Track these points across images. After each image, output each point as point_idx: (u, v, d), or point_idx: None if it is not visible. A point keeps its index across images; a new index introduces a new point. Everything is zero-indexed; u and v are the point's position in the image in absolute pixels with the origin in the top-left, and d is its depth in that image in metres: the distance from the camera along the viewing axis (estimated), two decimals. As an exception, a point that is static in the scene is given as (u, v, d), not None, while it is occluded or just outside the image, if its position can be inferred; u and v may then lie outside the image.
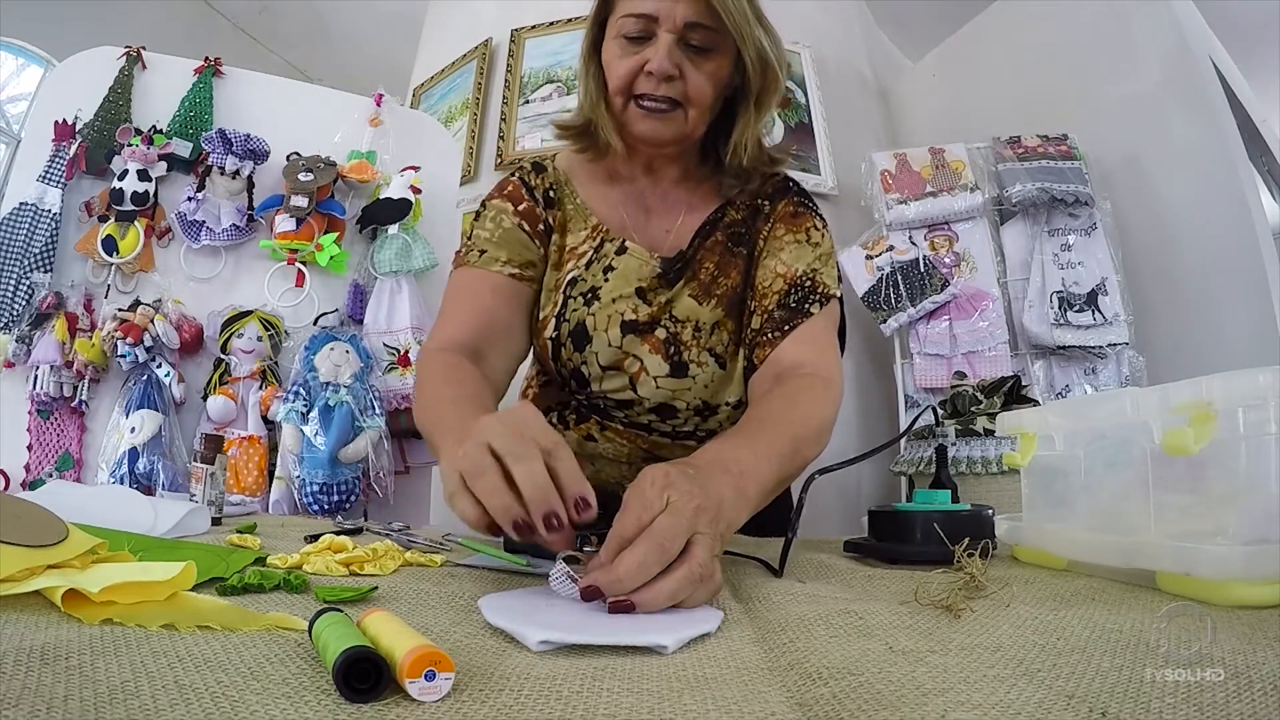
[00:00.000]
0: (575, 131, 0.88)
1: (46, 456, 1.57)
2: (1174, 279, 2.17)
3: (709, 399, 0.85)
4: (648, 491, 0.47)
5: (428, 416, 0.69)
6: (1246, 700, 0.28)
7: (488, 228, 0.87)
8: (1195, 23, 2.34)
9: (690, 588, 0.43)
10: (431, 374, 0.76)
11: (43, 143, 1.69)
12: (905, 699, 0.28)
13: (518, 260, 0.85)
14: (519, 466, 0.47)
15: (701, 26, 0.76)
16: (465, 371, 0.74)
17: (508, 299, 0.84)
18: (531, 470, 0.47)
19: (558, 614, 0.41)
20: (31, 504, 0.46)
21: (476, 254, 0.85)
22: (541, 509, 0.46)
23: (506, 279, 0.84)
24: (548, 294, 0.87)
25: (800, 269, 0.83)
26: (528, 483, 0.46)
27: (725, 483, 0.53)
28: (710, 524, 0.47)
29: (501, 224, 0.86)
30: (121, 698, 0.26)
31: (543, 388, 0.95)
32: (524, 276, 0.85)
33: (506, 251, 0.85)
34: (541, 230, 0.88)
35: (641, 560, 0.43)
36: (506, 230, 0.86)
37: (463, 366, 0.75)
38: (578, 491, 0.47)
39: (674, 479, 0.48)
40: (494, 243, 0.85)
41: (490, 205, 0.89)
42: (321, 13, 4.10)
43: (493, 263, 0.84)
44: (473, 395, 0.70)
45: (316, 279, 1.78)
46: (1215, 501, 0.47)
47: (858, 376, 2.54)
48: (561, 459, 0.48)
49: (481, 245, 0.85)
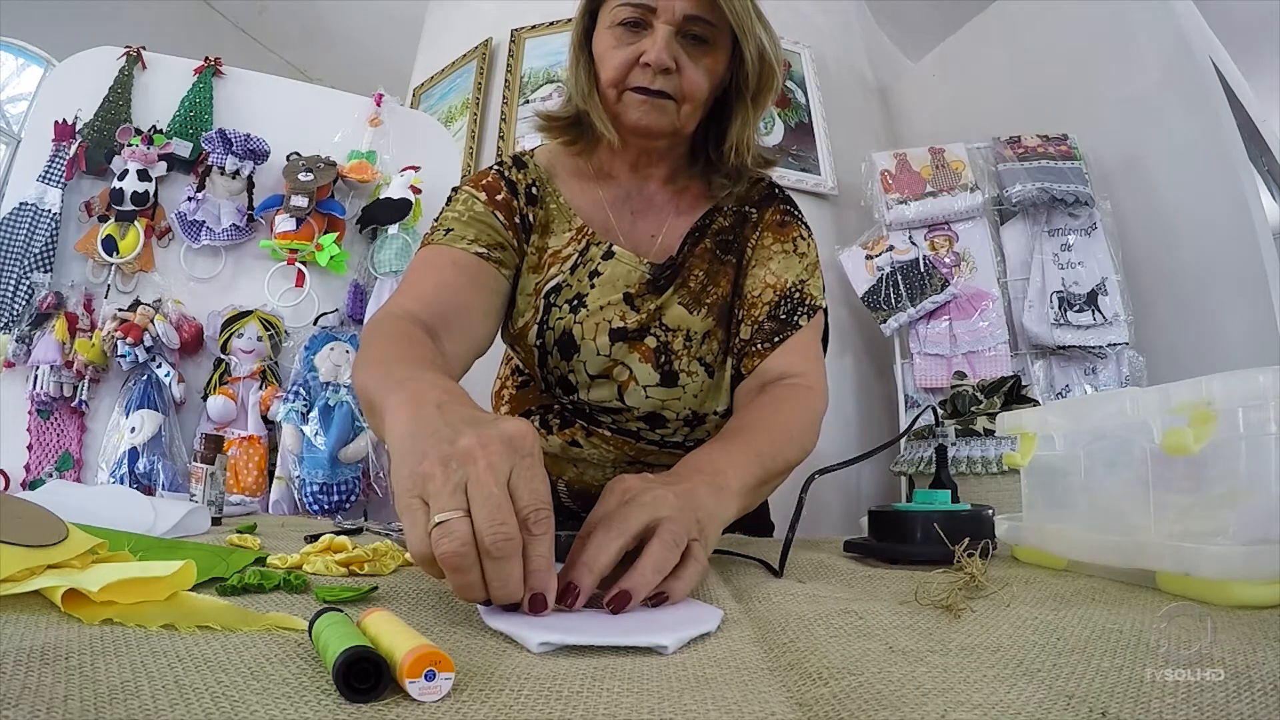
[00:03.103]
0: (564, 123, 0.84)
1: (46, 456, 1.57)
2: (1174, 279, 2.17)
3: (697, 408, 0.85)
4: (609, 502, 0.48)
5: (368, 373, 0.57)
6: (1246, 700, 0.28)
7: (457, 209, 0.82)
8: (1195, 23, 2.34)
9: (673, 554, 0.44)
10: (377, 335, 0.66)
11: (43, 143, 1.69)
12: (905, 699, 0.28)
13: (485, 240, 0.79)
14: (493, 565, 0.38)
15: (700, 20, 0.74)
16: (418, 337, 0.65)
17: (472, 278, 0.77)
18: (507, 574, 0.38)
19: (557, 616, 0.41)
20: (31, 504, 0.46)
21: (442, 232, 0.80)
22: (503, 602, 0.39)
23: (471, 257, 0.78)
24: (526, 299, 0.83)
25: (789, 280, 0.83)
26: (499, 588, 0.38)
27: (698, 480, 0.54)
28: (678, 510, 0.47)
29: (472, 208, 0.82)
30: (121, 698, 0.26)
31: (519, 389, 0.92)
32: (491, 258, 0.79)
33: (474, 231, 0.80)
34: (518, 223, 0.83)
35: (600, 542, 0.44)
36: (477, 213, 0.81)
37: (415, 332, 0.66)
38: (538, 588, 0.39)
39: (632, 485, 0.49)
40: (462, 222, 0.80)
41: (462, 191, 0.84)
42: (321, 13, 4.10)
43: (458, 240, 0.78)
44: (426, 356, 0.60)
45: (316, 279, 1.78)
46: (1215, 501, 0.47)
47: (858, 376, 2.54)
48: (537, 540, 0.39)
49: (448, 224, 0.80)
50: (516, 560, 0.38)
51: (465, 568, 0.38)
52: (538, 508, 0.40)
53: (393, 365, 0.56)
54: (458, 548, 0.37)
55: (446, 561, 0.38)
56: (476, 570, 0.38)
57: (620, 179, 0.87)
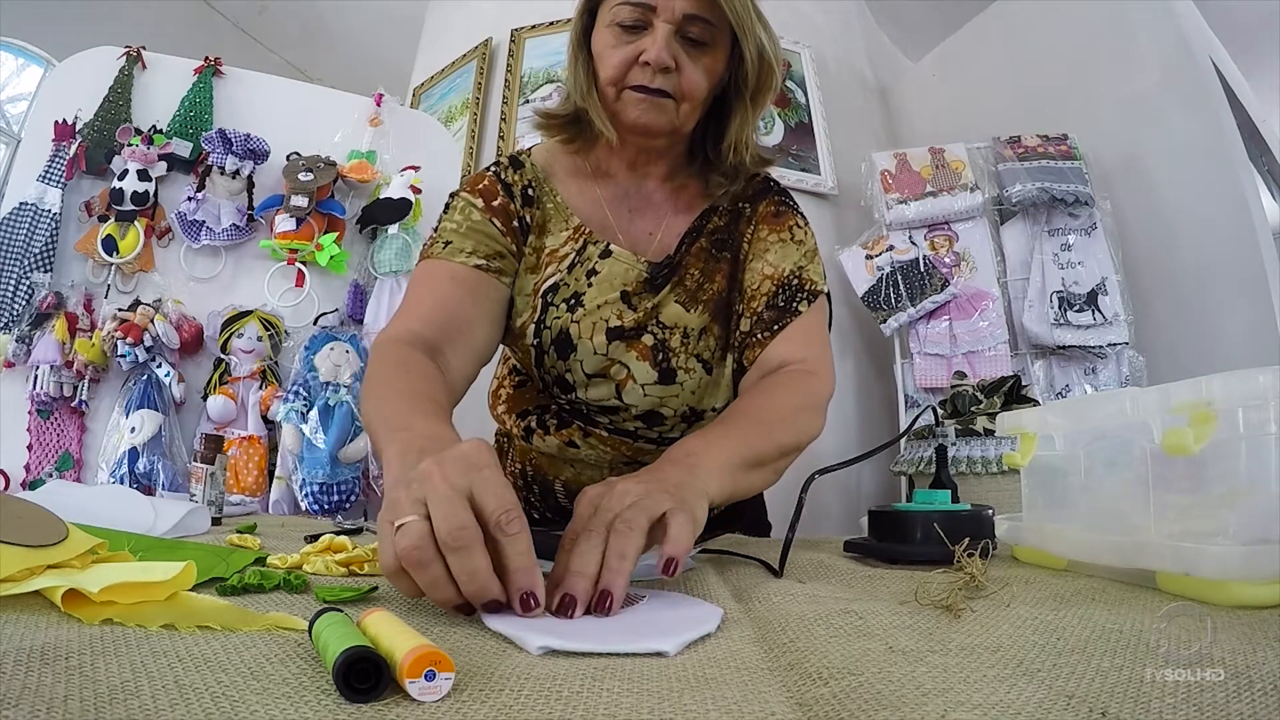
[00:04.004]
0: (563, 121, 0.84)
1: (46, 456, 1.57)
2: (1174, 279, 2.17)
3: (695, 405, 0.85)
4: (581, 511, 0.49)
5: (373, 409, 0.62)
6: (1246, 700, 0.28)
7: (455, 219, 0.83)
8: (1195, 23, 2.34)
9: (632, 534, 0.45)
10: (383, 365, 0.69)
11: (43, 143, 1.69)
12: (905, 699, 0.28)
13: (483, 251, 0.80)
14: (455, 558, 0.40)
15: (700, 20, 0.74)
16: (419, 365, 0.68)
17: (470, 291, 0.79)
18: (471, 566, 0.40)
19: (558, 620, 0.41)
20: (31, 504, 0.46)
21: (441, 245, 0.81)
22: (482, 600, 0.40)
23: (470, 270, 0.79)
24: (524, 299, 0.83)
25: (787, 268, 0.82)
26: (467, 582, 0.40)
27: (666, 466, 0.55)
28: (643, 494, 0.48)
29: (470, 216, 0.82)
30: (121, 698, 0.26)
31: (517, 388, 0.92)
32: (490, 268, 0.80)
33: (472, 243, 0.80)
34: (516, 228, 0.83)
35: (582, 550, 0.44)
36: (475, 223, 0.82)
37: (416, 360, 0.69)
38: (525, 586, 0.40)
39: (597, 492, 0.50)
40: (460, 234, 0.81)
41: (460, 198, 0.85)
42: (321, 13, 4.10)
43: (457, 254, 0.79)
44: (424, 391, 0.63)
45: (316, 279, 1.78)
46: (1215, 501, 0.47)
47: (858, 376, 2.54)
48: (513, 539, 0.41)
49: (447, 236, 0.81)
50: (477, 551, 0.40)
51: (426, 561, 0.40)
52: (506, 509, 0.41)
53: (392, 406, 0.60)
54: (415, 541, 0.40)
55: (407, 557, 0.40)
56: (439, 565, 0.40)
57: (618, 177, 0.87)
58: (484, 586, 0.40)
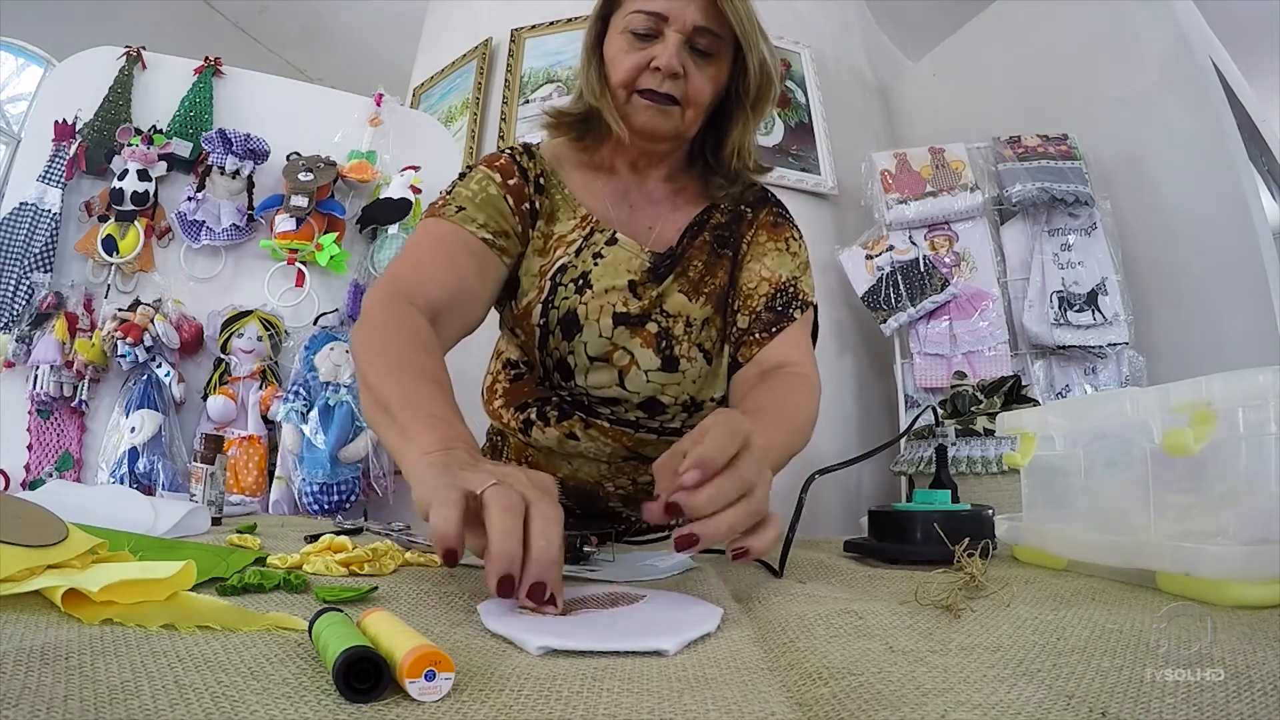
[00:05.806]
0: (574, 119, 0.88)
1: (46, 456, 1.57)
2: (1174, 279, 2.17)
3: (695, 394, 0.87)
4: (738, 423, 0.49)
5: (378, 376, 0.60)
6: (1246, 700, 0.28)
7: (472, 188, 0.84)
8: (1195, 23, 2.34)
9: (749, 520, 0.47)
10: (389, 322, 0.68)
11: (43, 143, 1.69)
12: (905, 699, 0.28)
13: (493, 227, 0.82)
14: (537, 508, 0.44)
15: (709, 31, 0.80)
16: (424, 333, 0.68)
17: (479, 264, 0.80)
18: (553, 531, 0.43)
19: (557, 619, 0.41)
20: (31, 504, 0.46)
21: (454, 209, 0.81)
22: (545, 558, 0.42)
23: (479, 242, 0.80)
24: (531, 279, 0.85)
25: (784, 275, 0.88)
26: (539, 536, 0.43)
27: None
28: (763, 478, 0.50)
29: (487, 189, 0.84)
30: (121, 698, 0.26)
31: (513, 382, 0.92)
32: (496, 245, 0.82)
33: (484, 215, 0.82)
34: (526, 210, 0.86)
35: (723, 491, 0.46)
36: (490, 196, 0.83)
37: (421, 325, 0.69)
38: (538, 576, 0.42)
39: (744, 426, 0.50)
40: (475, 204, 0.82)
41: (479, 169, 0.87)
42: (321, 13, 4.10)
43: (469, 222, 0.81)
44: (441, 380, 0.62)
45: (316, 279, 1.78)
46: (1215, 501, 0.47)
47: (858, 376, 2.53)
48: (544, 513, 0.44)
49: (460, 202, 0.82)
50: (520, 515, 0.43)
51: (516, 508, 0.43)
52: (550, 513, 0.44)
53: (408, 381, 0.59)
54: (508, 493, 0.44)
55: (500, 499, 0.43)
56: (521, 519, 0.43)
57: (621, 175, 0.91)
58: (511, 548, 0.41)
